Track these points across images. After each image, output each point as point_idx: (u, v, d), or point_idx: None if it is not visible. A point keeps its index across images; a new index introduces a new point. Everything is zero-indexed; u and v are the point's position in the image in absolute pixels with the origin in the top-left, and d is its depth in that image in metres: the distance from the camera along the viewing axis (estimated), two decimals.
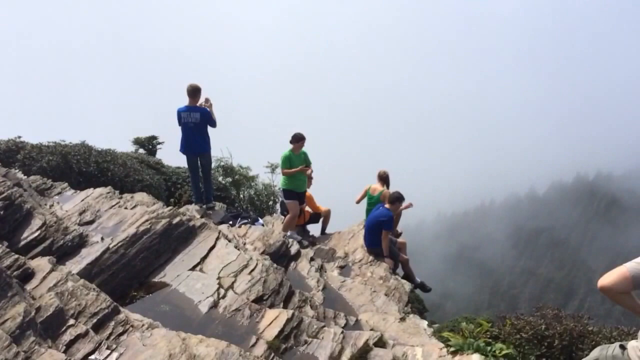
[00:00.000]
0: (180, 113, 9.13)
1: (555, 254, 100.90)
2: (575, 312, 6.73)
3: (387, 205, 9.15)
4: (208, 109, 9.17)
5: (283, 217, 10.65)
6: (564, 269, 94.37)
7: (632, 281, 3.08)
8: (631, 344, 3.42)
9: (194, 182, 9.92)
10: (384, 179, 10.54)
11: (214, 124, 9.28)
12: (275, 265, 6.12)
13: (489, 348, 5.17)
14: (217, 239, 6.22)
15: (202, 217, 8.44)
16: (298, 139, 9.61)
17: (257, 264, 5.82)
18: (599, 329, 5.87)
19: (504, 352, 5.11)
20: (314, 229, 11.05)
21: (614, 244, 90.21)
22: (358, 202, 10.67)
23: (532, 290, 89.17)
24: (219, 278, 5.50)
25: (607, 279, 3.13)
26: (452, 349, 5.21)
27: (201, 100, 9.19)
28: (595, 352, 3.74)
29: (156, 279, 5.48)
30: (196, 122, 9.09)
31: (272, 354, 4.36)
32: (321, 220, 10.91)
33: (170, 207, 6.77)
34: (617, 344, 3.52)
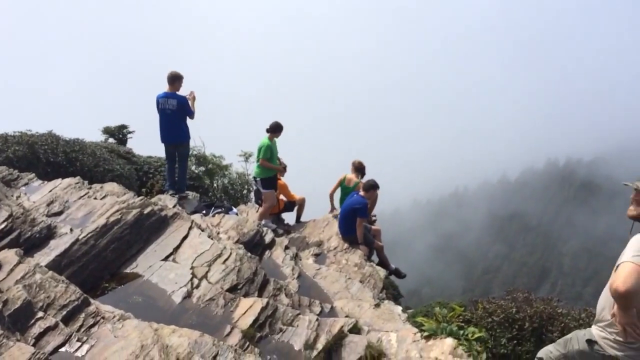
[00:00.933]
0: (158, 99, 9.07)
1: (528, 239, 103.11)
2: (546, 295, 6.88)
3: (361, 193, 9.16)
4: (189, 100, 9.12)
5: (258, 205, 10.60)
6: (536, 253, 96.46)
7: None
8: (598, 335, 3.33)
9: (170, 169, 9.83)
10: (359, 169, 10.51)
11: (191, 115, 9.24)
12: (249, 254, 6.09)
13: (461, 332, 5.25)
14: (190, 228, 6.15)
15: (174, 206, 8.35)
16: (278, 129, 9.60)
17: (231, 253, 5.78)
18: (568, 311, 6.02)
19: (476, 336, 5.20)
20: (289, 217, 11.04)
21: (584, 229, 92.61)
22: (332, 193, 10.61)
23: (505, 274, 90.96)
24: (192, 268, 5.45)
25: (628, 283, 2.88)
26: (425, 334, 5.27)
27: (186, 93, 9.14)
28: (560, 347, 3.66)
29: (128, 270, 5.40)
30: (173, 109, 9.01)
31: (247, 343, 4.33)
32: (296, 208, 10.89)
33: (141, 197, 6.66)
34: (584, 338, 3.42)
